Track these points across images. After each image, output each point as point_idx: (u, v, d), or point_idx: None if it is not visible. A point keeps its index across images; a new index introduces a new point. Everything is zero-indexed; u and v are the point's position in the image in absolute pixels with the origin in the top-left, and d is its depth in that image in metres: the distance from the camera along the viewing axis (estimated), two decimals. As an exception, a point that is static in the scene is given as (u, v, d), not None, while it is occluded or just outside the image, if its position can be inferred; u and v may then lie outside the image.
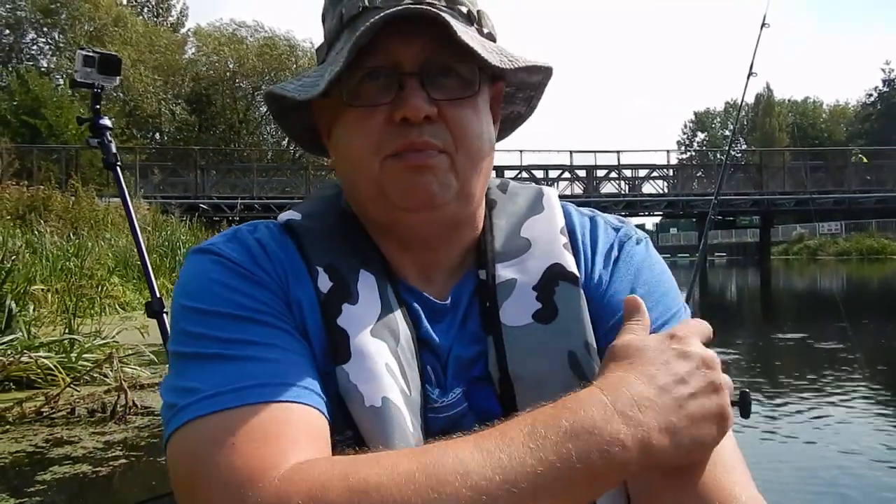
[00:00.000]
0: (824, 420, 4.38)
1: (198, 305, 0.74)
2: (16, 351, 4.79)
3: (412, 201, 0.78)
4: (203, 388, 0.68)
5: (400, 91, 0.76)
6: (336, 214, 0.86)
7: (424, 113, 0.75)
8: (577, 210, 0.93)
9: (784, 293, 18.07)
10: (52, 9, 36.79)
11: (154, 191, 24.43)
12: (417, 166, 0.77)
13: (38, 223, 10.79)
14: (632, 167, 31.17)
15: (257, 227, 0.83)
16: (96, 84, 3.28)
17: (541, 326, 0.79)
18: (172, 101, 39.41)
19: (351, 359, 0.73)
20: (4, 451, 3.39)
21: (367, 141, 0.78)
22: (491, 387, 0.79)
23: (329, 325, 0.75)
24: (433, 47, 0.77)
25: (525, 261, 0.84)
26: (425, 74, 0.77)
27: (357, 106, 0.78)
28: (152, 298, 3.05)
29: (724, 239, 58.77)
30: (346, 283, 0.78)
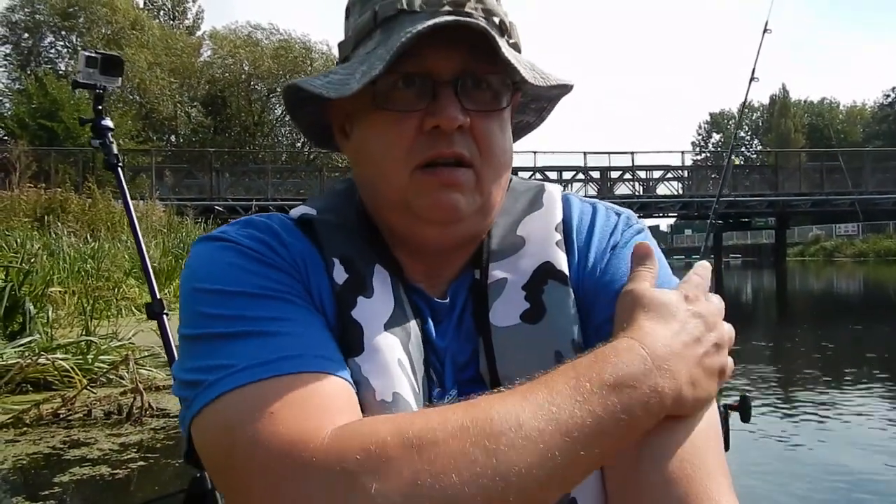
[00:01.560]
0: (837, 422, 4.35)
1: (216, 287, 0.73)
2: (33, 353, 4.84)
3: (438, 215, 0.78)
4: (234, 363, 0.67)
5: (433, 99, 0.76)
6: (352, 210, 0.86)
7: (458, 123, 0.75)
8: (579, 200, 0.92)
9: (800, 295, 17.92)
10: (71, 12, 37.13)
11: (169, 193, 24.58)
12: (447, 183, 0.76)
13: (55, 225, 10.90)
14: (646, 168, 31.03)
15: (271, 217, 0.83)
16: (98, 85, 3.28)
17: (528, 326, 0.79)
18: (188, 103, 39.66)
19: (364, 352, 0.74)
20: (22, 453, 3.43)
21: (397, 148, 0.77)
22: (483, 388, 0.77)
23: (343, 317, 0.75)
24: (469, 57, 0.76)
25: (517, 259, 0.84)
26: (460, 84, 0.76)
27: (389, 110, 0.77)
28: (153, 300, 3.04)
29: (740, 240, 58.36)
30: (362, 275, 0.78)
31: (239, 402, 0.65)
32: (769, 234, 48.92)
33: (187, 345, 0.73)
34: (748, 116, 69.86)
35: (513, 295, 0.81)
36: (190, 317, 0.74)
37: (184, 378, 0.70)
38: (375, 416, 0.65)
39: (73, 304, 6.95)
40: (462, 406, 0.63)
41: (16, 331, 5.55)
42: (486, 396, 0.64)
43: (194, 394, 0.68)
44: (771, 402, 5.02)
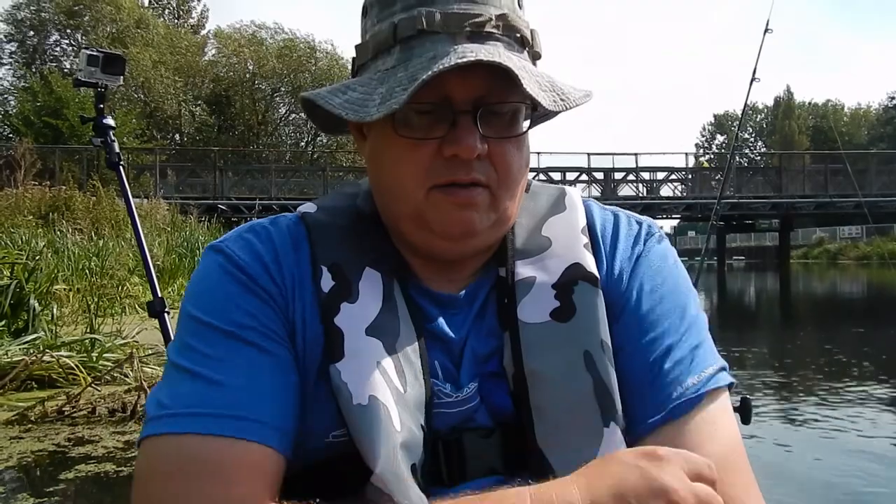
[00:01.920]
0: (839, 424, 4.36)
1: (195, 314, 0.78)
2: (38, 350, 4.86)
3: (453, 232, 0.79)
4: (172, 406, 0.73)
5: (452, 127, 0.76)
6: (351, 212, 0.88)
7: (476, 153, 0.76)
8: (599, 207, 0.94)
9: (803, 298, 17.90)
10: (76, 11, 37.16)
11: (173, 191, 24.61)
12: (464, 204, 0.78)
13: (60, 223, 10.93)
14: (650, 170, 31.00)
15: (276, 222, 0.85)
16: (100, 83, 3.28)
17: (558, 325, 0.80)
18: (192, 102, 39.71)
19: (344, 357, 0.75)
20: (27, 450, 3.45)
21: (413, 171, 0.78)
22: (505, 382, 0.80)
23: (327, 324, 0.77)
24: (487, 84, 0.77)
25: (545, 259, 0.85)
26: (478, 112, 0.77)
27: (408, 137, 0.78)
28: (154, 298, 3.05)
29: (743, 242, 58.30)
30: (348, 281, 0.79)
31: (157, 450, 0.71)
32: (773, 237, 48.86)
33: (166, 367, 0.79)
34: (752, 118, 69.74)
35: (542, 293, 0.82)
36: (175, 337, 0.80)
37: (146, 405, 0.77)
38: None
39: (78, 301, 6.97)
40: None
41: (20, 328, 5.57)
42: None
43: (144, 424, 0.74)
44: (772, 405, 5.02)
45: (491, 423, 0.79)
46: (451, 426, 0.79)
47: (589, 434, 0.76)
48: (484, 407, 0.80)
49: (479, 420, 0.79)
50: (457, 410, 0.79)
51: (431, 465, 0.76)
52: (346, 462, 0.73)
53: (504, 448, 0.78)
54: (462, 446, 0.78)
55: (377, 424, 0.72)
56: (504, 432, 0.79)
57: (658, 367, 0.81)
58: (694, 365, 0.82)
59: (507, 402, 0.79)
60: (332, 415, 0.74)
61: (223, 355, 0.75)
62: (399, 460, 0.71)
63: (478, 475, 0.77)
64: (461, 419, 0.79)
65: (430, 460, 0.76)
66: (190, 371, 0.74)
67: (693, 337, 0.85)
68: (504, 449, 0.78)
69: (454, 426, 0.79)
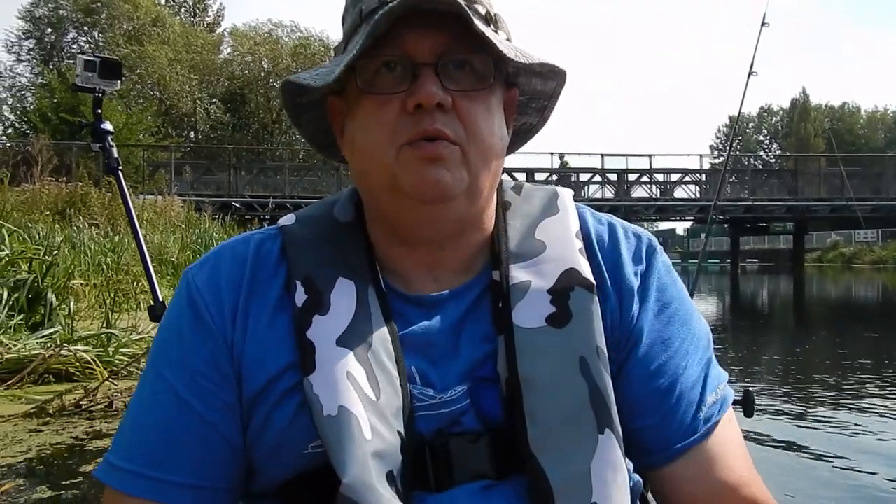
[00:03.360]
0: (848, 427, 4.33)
1: (154, 346, 0.85)
2: (56, 344, 4.89)
3: (426, 192, 0.78)
4: (113, 445, 0.82)
5: (414, 80, 0.77)
6: (327, 222, 0.89)
7: (437, 99, 0.76)
8: (592, 215, 0.93)
9: (817, 301, 17.77)
10: (93, 8, 37.47)
11: (188, 189, 24.74)
12: (431, 157, 0.77)
13: (76, 219, 11.01)
14: (664, 171, 30.87)
15: (246, 241, 0.88)
16: (97, 88, 3.28)
17: (553, 330, 0.79)
18: (207, 100, 39.93)
19: (315, 369, 0.76)
20: (46, 443, 3.48)
21: (382, 130, 0.79)
22: (497, 388, 0.79)
23: (299, 338, 0.78)
24: (449, 40, 0.78)
25: (540, 263, 0.84)
26: (440, 65, 0.78)
27: (373, 94, 0.79)
28: (155, 303, 3.04)
29: (757, 245, 57.92)
30: (320, 294, 0.80)
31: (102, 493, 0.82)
32: (787, 240, 48.52)
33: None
34: (767, 120, 69.30)
35: (538, 298, 0.81)
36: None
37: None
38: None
39: (94, 296, 7.02)
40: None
41: (38, 322, 5.62)
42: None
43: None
44: (781, 406, 5.00)
45: (479, 428, 0.78)
46: (436, 429, 0.78)
47: (584, 440, 0.76)
48: (473, 411, 0.79)
49: (466, 424, 0.79)
50: (441, 412, 0.78)
51: (418, 471, 0.76)
52: (330, 473, 0.73)
53: (492, 453, 0.77)
54: (448, 451, 0.77)
55: (346, 435, 0.72)
56: (493, 438, 0.78)
57: (679, 390, 0.84)
58: (709, 382, 0.86)
59: (496, 408, 0.78)
60: (308, 426, 0.75)
61: (151, 401, 0.81)
62: (370, 469, 0.71)
63: (465, 480, 0.76)
64: (447, 421, 0.78)
65: (417, 466, 0.76)
66: (137, 403, 0.83)
67: (703, 351, 0.88)
68: (492, 454, 0.77)
69: (440, 429, 0.78)
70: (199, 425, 0.79)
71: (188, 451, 0.79)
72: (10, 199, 10.26)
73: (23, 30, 38.23)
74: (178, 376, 0.81)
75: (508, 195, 0.93)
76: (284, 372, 0.78)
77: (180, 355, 0.82)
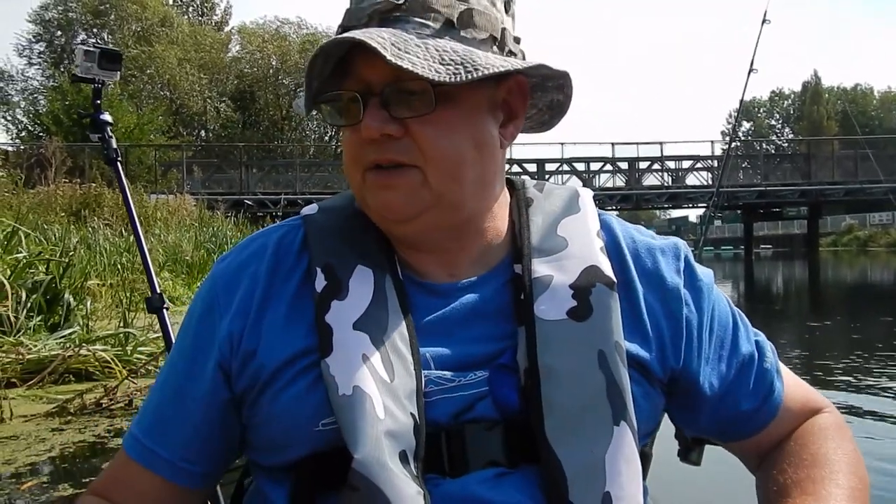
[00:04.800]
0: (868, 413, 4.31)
1: (182, 322, 0.93)
2: (74, 344, 4.95)
3: (386, 214, 0.84)
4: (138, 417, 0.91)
5: (364, 112, 0.80)
6: (348, 211, 0.92)
7: (378, 132, 0.79)
8: (614, 218, 0.97)
9: (832, 286, 17.65)
10: (102, 10, 37.68)
11: (200, 187, 24.87)
12: (384, 185, 0.82)
13: (91, 220, 11.10)
14: (675, 158, 30.71)
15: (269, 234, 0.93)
16: (97, 79, 3.26)
17: (574, 323, 0.81)
18: (217, 98, 40.09)
19: (332, 352, 0.79)
20: (68, 441, 3.52)
21: (350, 156, 0.85)
22: (515, 377, 0.81)
23: (319, 322, 0.81)
24: (396, 68, 0.76)
25: (562, 259, 0.86)
26: (388, 94, 0.80)
27: (333, 124, 0.87)
28: (152, 294, 3.03)
29: (771, 231, 57.59)
30: (339, 279, 0.83)
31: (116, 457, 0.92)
32: (800, 225, 48.21)
33: None
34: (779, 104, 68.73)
35: (560, 291, 0.83)
36: None
37: None
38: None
39: (111, 296, 7.09)
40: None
41: (56, 322, 5.68)
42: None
43: None
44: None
45: (495, 416, 0.80)
46: (451, 413, 0.80)
47: (599, 432, 0.78)
48: (490, 398, 0.81)
49: (481, 411, 0.80)
50: (457, 395, 0.80)
51: (433, 455, 0.78)
52: (334, 454, 0.76)
53: (507, 442, 0.79)
54: (464, 437, 0.79)
55: (359, 412, 0.75)
56: (508, 426, 0.80)
57: (749, 368, 0.94)
58: (762, 350, 0.96)
59: (513, 397, 0.80)
60: (319, 404, 0.78)
61: (163, 377, 0.91)
62: (383, 447, 0.73)
63: (479, 467, 0.78)
64: (462, 406, 0.80)
65: (432, 450, 0.78)
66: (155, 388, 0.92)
67: (747, 329, 0.97)
68: (506, 443, 0.79)
69: (456, 414, 0.80)
70: (183, 409, 0.87)
71: (176, 431, 0.87)
72: (25, 201, 10.35)
73: (33, 33, 38.52)
74: (181, 359, 0.90)
75: (531, 192, 0.96)
76: (301, 355, 0.81)
77: (184, 341, 0.90)
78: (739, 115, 11.06)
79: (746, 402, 0.93)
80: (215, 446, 0.88)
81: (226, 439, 0.88)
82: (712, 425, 0.95)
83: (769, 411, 0.94)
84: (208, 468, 0.89)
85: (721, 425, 0.94)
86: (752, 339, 0.96)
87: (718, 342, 0.92)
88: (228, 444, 0.89)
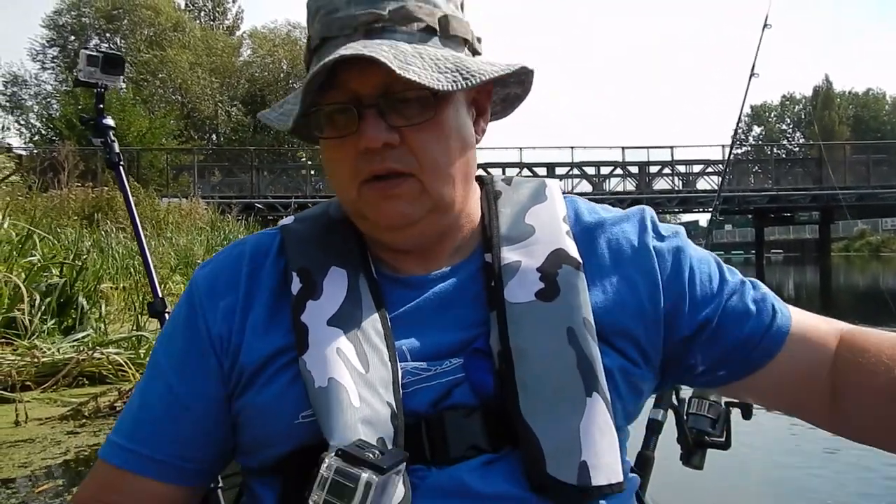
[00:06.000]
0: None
1: (159, 335, 0.94)
2: (88, 347, 4.99)
3: (390, 223, 0.86)
4: (118, 424, 0.91)
5: (360, 122, 0.81)
6: (323, 219, 0.96)
7: (381, 142, 0.81)
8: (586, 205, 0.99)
9: (844, 292, 17.52)
10: (115, 15, 37.92)
11: (211, 191, 24.98)
12: (387, 196, 0.84)
13: (103, 223, 11.17)
14: (686, 163, 30.60)
15: (246, 243, 0.96)
16: (100, 83, 3.26)
17: (543, 304, 0.84)
18: (228, 102, 40.28)
19: (308, 348, 0.81)
20: (83, 444, 3.56)
21: (342, 170, 0.85)
22: (489, 361, 0.83)
23: (294, 322, 0.84)
24: (387, 78, 0.79)
25: (530, 245, 0.89)
26: (383, 104, 0.81)
27: (325, 138, 0.85)
28: (154, 298, 3.04)
29: (782, 235, 57.22)
30: (314, 281, 0.86)
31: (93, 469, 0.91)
32: (812, 229, 47.90)
33: None
34: (790, 109, 68.39)
35: (528, 275, 0.86)
36: None
37: None
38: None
39: (123, 300, 7.14)
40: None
41: (70, 326, 5.73)
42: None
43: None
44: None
45: (472, 402, 0.82)
46: (429, 402, 0.82)
47: (572, 404, 0.80)
48: (466, 384, 0.83)
49: (458, 397, 0.82)
50: (435, 384, 0.82)
51: (413, 444, 0.79)
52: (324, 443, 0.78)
53: (485, 426, 0.81)
54: (443, 425, 0.80)
55: (334, 402, 0.77)
56: (485, 411, 0.82)
57: (743, 294, 0.92)
58: (754, 282, 0.96)
59: (489, 380, 0.82)
60: (298, 398, 0.81)
61: (144, 384, 0.91)
62: (359, 433, 0.75)
63: (460, 453, 0.79)
64: (440, 394, 0.82)
65: (412, 439, 0.79)
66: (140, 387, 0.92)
67: (731, 269, 0.96)
68: (485, 427, 0.81)
69: (434, 402, 0.82)
70: (176, 408, 0.88)
71: (168, 431, 0.88)
72: (39, 205, 10.43)
73: (47, 38, 38.79)
74: (168, 362, 0.91)
75: (499, 185, 0.99)
76: (278, 354, 0.84)
77: (172, 345, 0.92)
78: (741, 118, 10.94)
79: (749, 324, 0.90)
80: (212, 441, 0.90)
81: (222, 434, 0.90)
82: (723, 364, 0.91)
83: (779, 331, 0.90)
84: (205, 465, 0.91)
85: (732, 359, 0.90)
86: (737, 274, 0.95)
87: (705, 279, 0.92)
88: (225, 440, 0.90)
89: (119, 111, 25.80)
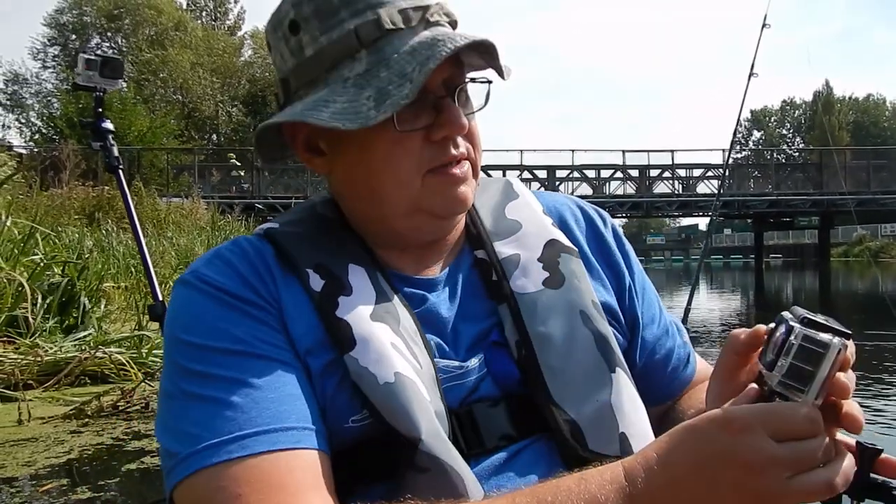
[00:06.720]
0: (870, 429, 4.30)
1: (192, 339, 0.77)
2: (90, 346, 4.98)
3: (453, 209, 0.87)
4: (204, 435, 0.70)
5: (437, 112, 0.83)
6: (315, 219, 0.92)
7: (466, 128, 0.84)
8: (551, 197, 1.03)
9: (843, 297, 17.54)
10: (116, 14, 37.94)
11: (212, 191, 24.97)
12: (460, 180, 0.85)
13: (105, 222, 11.16)
14: (686, 167, 30.62)
15: (237, 243, 0.87)
16: (98, 87, 3.27)
17: (552, 291, 0.87)
18: (229, 102, 40.30)
19: (357, 345, 0.77)
20: (87, 444, 3.55)
21: (405, 163, 0.82)
22: (508, 351, 0.85)
23: (328, 320, 0.79)
24: (452, 68, 0.83)
25: (521, 238, 0.92)
26: (457, 95, 0.84)
27: (408, 131, 0.81)
28: (155, 301, 3.04)
29: (781, 240, 57.31)
30: (338, 277, 0.83)
31: (209, 483, 0.68)
32: (811, 234, 47.97)
33: (164, 400, 0.77)
34: (790, 114, 68.50)
35: (530, 266, 0.89)
36: (169, 366, 0.79)
37: (162, 444, 0.75)
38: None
39: (125, 299, 7.13)
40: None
41: (71, 325, 5.71)
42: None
43: (170, 466, 0.72)
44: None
45: (497, 392, 0.83)
46: (459, 399, 0.82)
47: (599, 382, 0.84)
48: (490, 377, 0.84)
49: (484, 390, 0.83)
50: (462, 382, 0.83)
51: (453, 439, 0.79)
52: (368, 446, 0.76)
53: (512, 414, 0.82)
54: (474, 418, 0.81)
55: (411, 396, 0.74)
56: (510, 399, 0.83)
57: (672, 336, 1.02)
58: (677, 324, 1.05)
59: (511, 369, 0.84)
60: (347, 401, 0.77)
61: (239, 376, 0.74)
62: (439, 427, 0.75)
63: (492, 443, 0.80)
64: (467, 391, 0.83)
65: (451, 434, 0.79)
66: (209, 398, 0.73)
67: (650, 286, 1.04)
68: (512, 415, 0.82)
69: (462, 399, 0.82)
70: (294, 376, 0.77)
71: (300, 400, 0.75)
72: (41, 204, 10.42)
73: (48, 36, 38.80)
74: (243, 346, 0.77)
75: None
76: (307, 354, 0.79)
77: (234, 329, 0.78)
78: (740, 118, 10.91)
79: (671, 364, 1.01)
80: (316, 402, 0.78)
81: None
82: (643, 383, 0.93)
83: (686, 378, 1.03)
84: (324, 427, 0.78)
85: (650, 384, 0.98)
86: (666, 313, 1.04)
87: (650, 304, 1.00)
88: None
89: (120, 110, 25.82)
